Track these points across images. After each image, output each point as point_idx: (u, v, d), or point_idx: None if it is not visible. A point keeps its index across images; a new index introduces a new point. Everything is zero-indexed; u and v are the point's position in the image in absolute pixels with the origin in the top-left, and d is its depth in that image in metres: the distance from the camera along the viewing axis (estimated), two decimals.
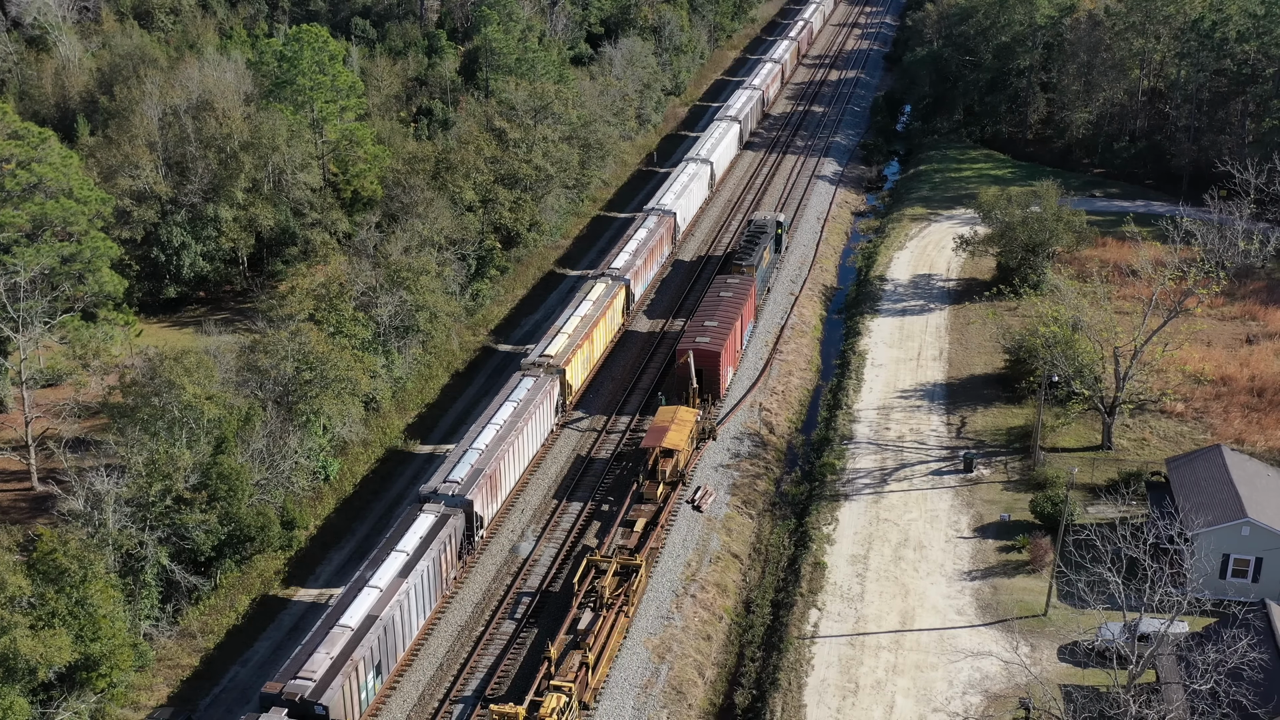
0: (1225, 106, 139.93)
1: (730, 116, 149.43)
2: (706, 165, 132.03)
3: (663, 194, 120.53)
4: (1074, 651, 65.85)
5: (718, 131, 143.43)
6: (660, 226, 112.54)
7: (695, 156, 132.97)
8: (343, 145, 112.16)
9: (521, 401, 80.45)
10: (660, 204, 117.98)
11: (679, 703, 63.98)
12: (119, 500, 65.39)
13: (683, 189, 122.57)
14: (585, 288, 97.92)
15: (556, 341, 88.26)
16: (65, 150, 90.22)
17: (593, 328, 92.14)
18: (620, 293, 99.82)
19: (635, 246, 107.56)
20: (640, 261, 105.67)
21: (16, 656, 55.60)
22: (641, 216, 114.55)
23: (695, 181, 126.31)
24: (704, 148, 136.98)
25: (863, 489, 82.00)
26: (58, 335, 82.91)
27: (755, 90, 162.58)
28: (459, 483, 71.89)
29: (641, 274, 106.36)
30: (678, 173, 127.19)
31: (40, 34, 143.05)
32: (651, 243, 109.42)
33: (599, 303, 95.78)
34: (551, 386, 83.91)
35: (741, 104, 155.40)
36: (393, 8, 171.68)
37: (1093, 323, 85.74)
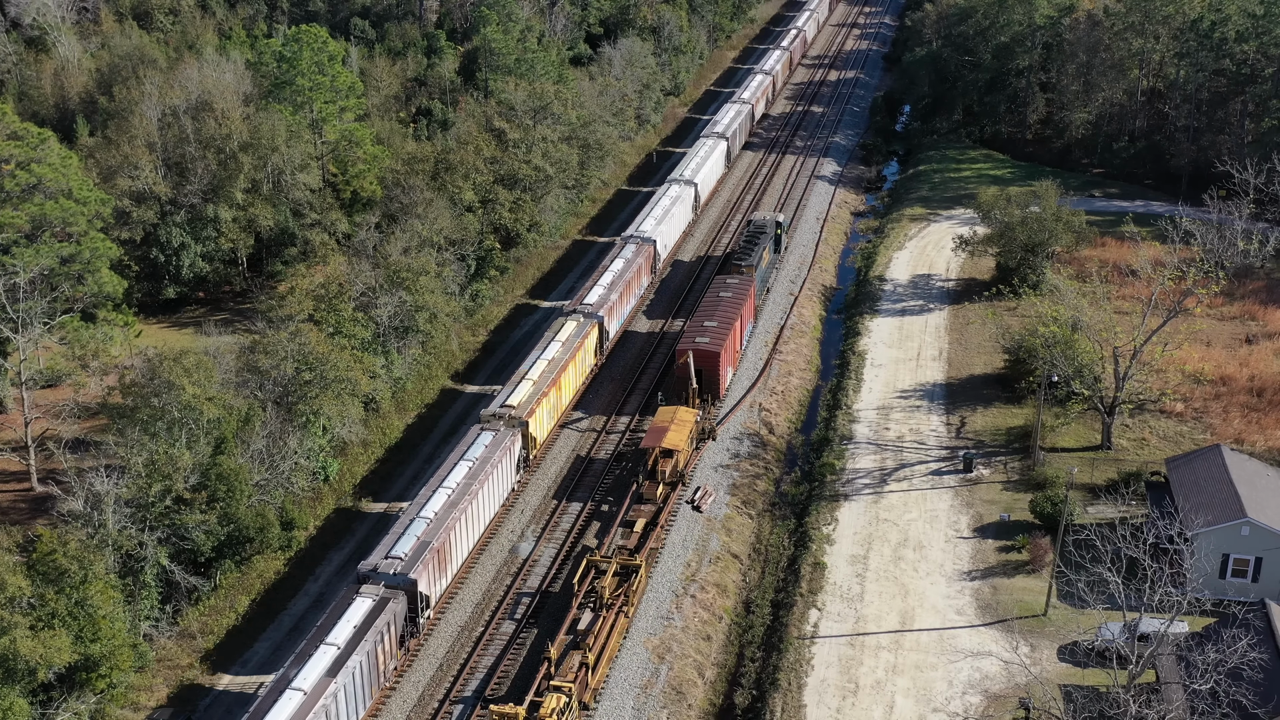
0: (1224, 106, 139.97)
1: (717, 133, 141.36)
2: (690, 187, 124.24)
3: (642, 219, 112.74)
4: (1074, 651, 65.87)
5: (703, 149, 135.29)
6: (638, 256, 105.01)
7: (679, 177, 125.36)
8: (342, 146, 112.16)
9: (478, 460, 73.39)
10: (639, 230, 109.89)
11: (679, 703, 63.98)
12: (119, 501, 65.39)
13: (664, 213, 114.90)
14: (554, 326, 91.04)
15: (520, 389, 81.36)
16: (64, 151, 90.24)
17: (561, 372, 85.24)
18: (592, 332, 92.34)
19: (610, 279, 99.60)
20: (615, 296, 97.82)
21: (16, 657, 55.61)
22: (619, 245, 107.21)
23: (678, 205, 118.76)
24: (688, 167, 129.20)
25: (862, 489, 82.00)
26: (57, 336, 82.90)
27: (744, 104, 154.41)
28: (402, 559, 64.52)
29: (616, 310, 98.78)
30: (659, 195, 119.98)
31: (39, 34, 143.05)
32: (629, 274, 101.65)
33: (568, 344, 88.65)
34: (512, 441, 76.98)
35: (729, 119, 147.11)
36: (392, 8, 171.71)
37: (1092, 323, 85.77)
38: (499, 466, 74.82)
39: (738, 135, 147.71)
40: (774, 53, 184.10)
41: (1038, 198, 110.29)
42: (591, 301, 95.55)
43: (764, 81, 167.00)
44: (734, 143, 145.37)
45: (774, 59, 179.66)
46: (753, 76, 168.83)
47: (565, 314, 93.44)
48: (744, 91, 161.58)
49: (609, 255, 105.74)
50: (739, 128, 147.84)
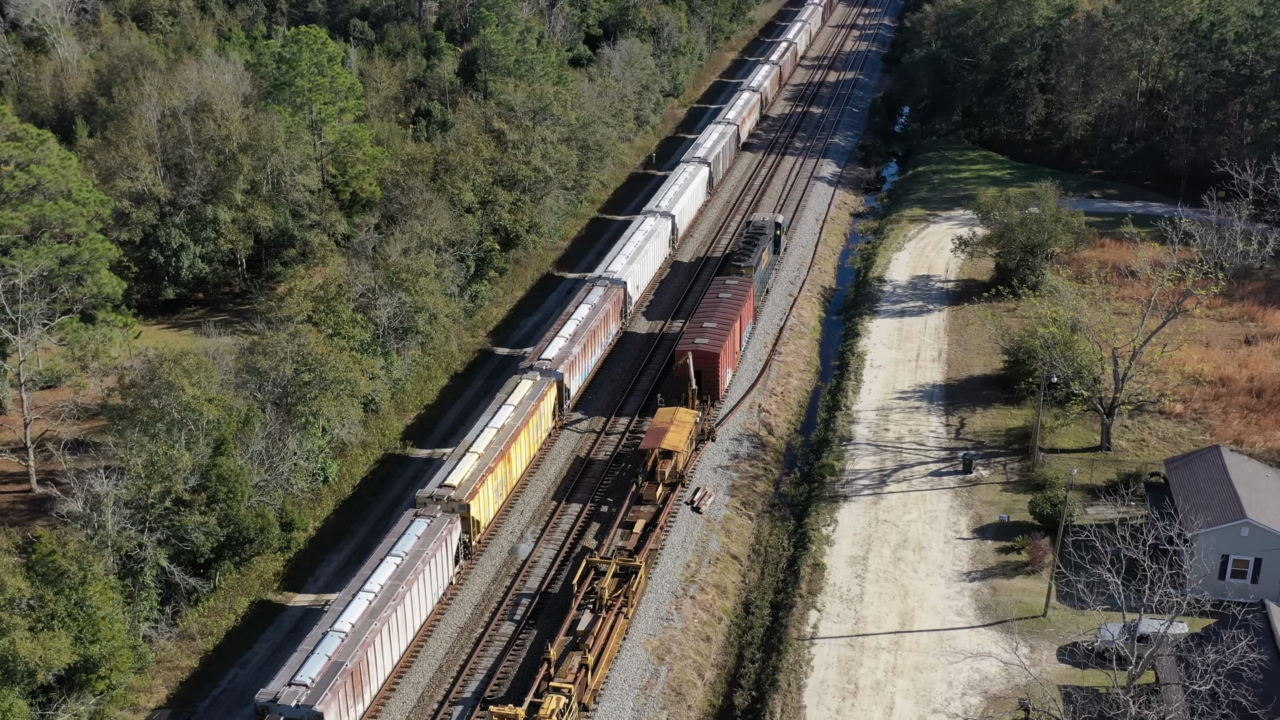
0: (1223, 107, 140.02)
1: (699, 158, 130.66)
2: (666, 220, 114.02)
3: (612, 258, 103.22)
4: (1073, 652, 65.87)
5: (683, 175, 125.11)
6: (606, 300, 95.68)
7: (654, 209, 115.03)
8: (341, 147, 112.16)
9: (408, 556, 64.54)
10: (609, 271, 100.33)
11: (678, 704, 63.98)
12: (118, 502, 65.35)
13: (637, 250, 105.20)
14: (508, 386, 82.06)
15: (462, 465, 72.13)
16: (64, 152, 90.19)
17: (511, 442, 76.20)
18: (550, 392, 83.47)
19: (573, 329, 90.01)
20: (578, 349, 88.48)
21: (16, 658, 55.59)
22: (585, 288, 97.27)
23: (652, 241, 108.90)
24: (665, 196, 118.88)
25: (862, 490, 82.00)
26: (56, 337, 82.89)
27: (729, 125, 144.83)
28: (308, 686, 55.67)
29: (579, 363, 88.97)
30: (633, 229, 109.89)
31: (39, 36, 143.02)
32: (594, 322, 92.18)
33: (522, 408, 79.62)
34: (450, 530, 67.90)
35: (712, 142, 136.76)
36: (391, 9, 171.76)
37: (1091, 324, 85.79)
38: (433, 561, 65.70)
39: (721, 159, 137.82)
40: (762, 67, 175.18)
41: (1037, 199, 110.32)
42: (550, 356, 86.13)
43: (750, 100, 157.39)
44: (717, 167, 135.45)
45: (762, 74, 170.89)
46: (739, 94, 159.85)
47: (521, 370, 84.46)
48: (729, 111, 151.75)
49: (573, 300, 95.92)
50: (722, 150, 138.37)
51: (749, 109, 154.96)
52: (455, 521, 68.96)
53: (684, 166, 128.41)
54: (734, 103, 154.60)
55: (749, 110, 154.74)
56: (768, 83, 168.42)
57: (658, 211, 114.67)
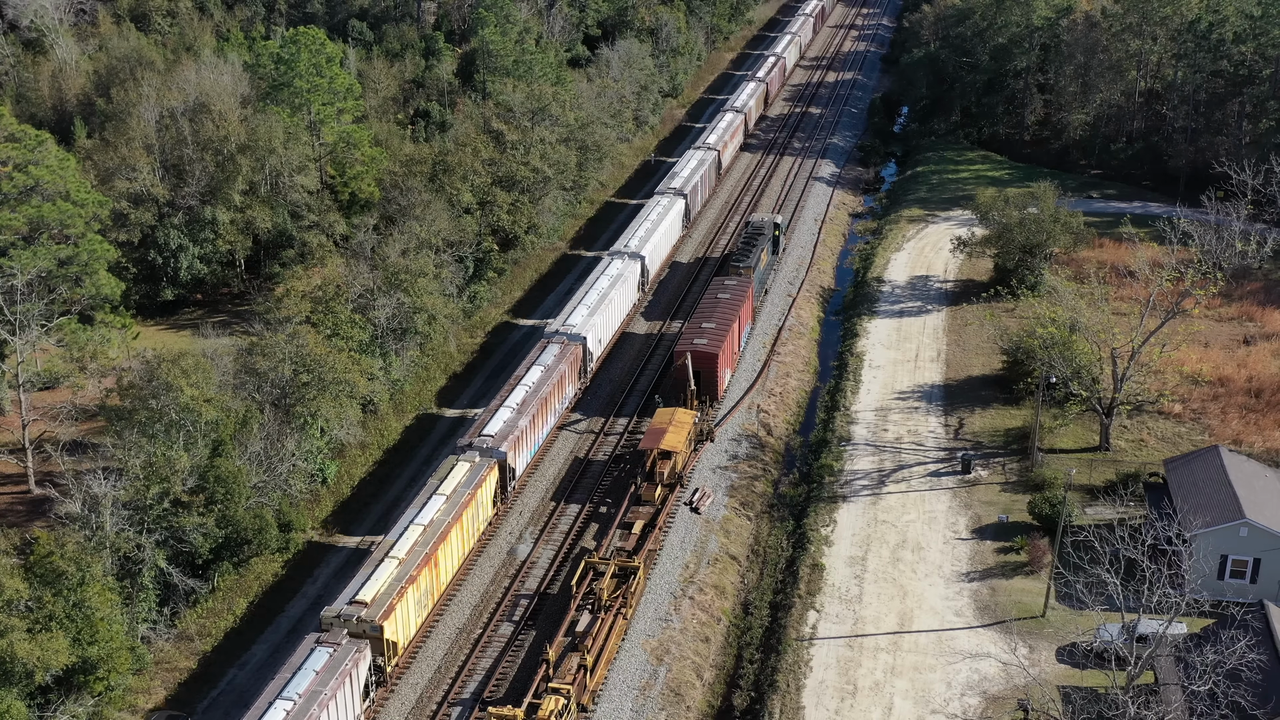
0: (1222, 108, 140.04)
1: (674, 189, 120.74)
2: (635, 261, 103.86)
3: (572, 309, 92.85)
4: (1072, 653, 65.86)
5: (656, 209, 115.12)
6: (562, 360, 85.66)
7: (623, 249, 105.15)
8: (340, 147, 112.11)
9: (302, 698, 54.88)
10: (567, 325, 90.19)
11: (677, 704, 63.96)
12: (116, 503, 65.32)
13: (600, 299, 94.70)
14: (440, 470, 72.15)
15: (379, 574, 62.53)
16: (62, 153, 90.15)
17: (439, 543, 66.01)
18: (490, 475, 73.25)
19: (522, 396, 79.95)
20: (526, 421, 77.93)
21: (14, 660, 55.54)
22: (539, 346, 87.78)
23: (618, 288, 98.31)
24: (636, 233, 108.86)
25: (861, 490, 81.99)
26: (55, 338, 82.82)
27: (709, 151, 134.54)
28: None
29: (527, 437, 78.87)
30: (596, 274, 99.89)
31: (37, 36, 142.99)
32: (546, 388, 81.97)
33: (455, 499, 69.37)
34: (358, 659, 58.30)
35: (690, 170, 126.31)
36: (390, 10, 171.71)
37: (1090, 324, 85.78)
38: (332, 703, 55.77)
39: (700, 188, 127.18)
40: (748, 85, 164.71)
41: (1035, 199, 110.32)
42: (492, 432, 75.89)
43: (733, 121, 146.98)
44: (694, 199, 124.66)
45: (747, 92, 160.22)
46: (722, 115, 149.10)
47: (458, 448, 74.69)
48: (710, 135, 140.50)
49: (524, 360, 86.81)
50: (701, 179, 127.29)
51: (732, 131, 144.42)
52: (364, 649, 58.94)
53: (658, 199, 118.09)
54: (716, 125, 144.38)
55: (731, 133, 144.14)
56: (753, 102, 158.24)
57: (625, 252, 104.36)
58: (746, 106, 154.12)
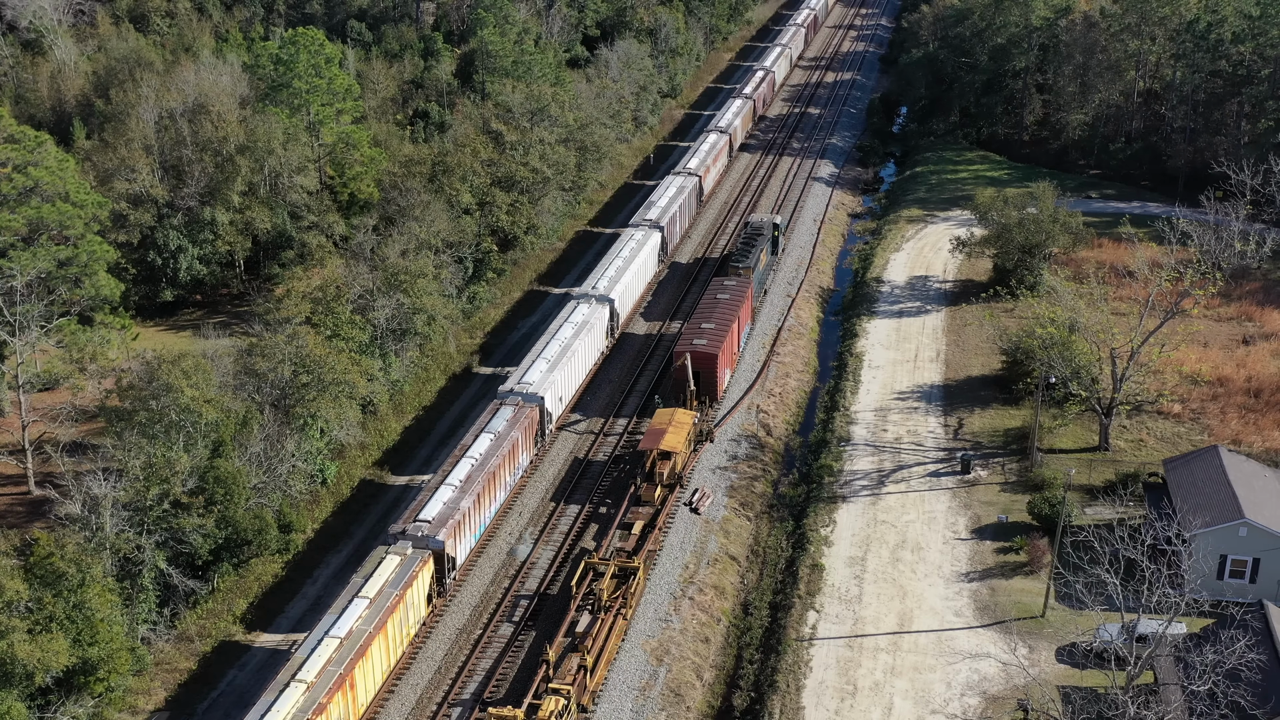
0: (1221, 108, 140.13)
1: (649, 220, 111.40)
2: (604, 306, 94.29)
3: (530, 362, 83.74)
4: (1072, 653, 65.89)
5: (631, 243, 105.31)
6: (515, 426, 76.77)
7: (590, 291, 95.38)
8: (339, 148, 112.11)
9: None
10: (522, 382, 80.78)
11: (677, 705, 63.98)
12: (116, 504, 65.32)
13: (563, 350, 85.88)
14: (367, 565, 63.89)
15: (280, 708, 53.82)
16: (61, 154, 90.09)
17: (357, 659, 57.70)
18: (424, 569, 64.66)
19: (466, 471, 71.19)
20: (469, 501, 69.53)
21: (14, 661, 55.53)
22: (490, 410, 78.76)
23: (583, 338, 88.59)
24: (607, 272, 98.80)
25: (860, 491, 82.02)
26: (54, 339, 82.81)
27: (690, 176, 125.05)
28: None
29: (470, 520, 70.02)
30: (560, 320, 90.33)
31: (36, 37, 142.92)
32: (495, 459, 73.40)
33: (380, 602, 61.07)
34: None
35: (669, 198, 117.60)
36: (388, 10, 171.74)
37: (1089, 324, 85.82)
38: None
39: (679, 218, 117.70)
40: (735, 102, 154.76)
41: (1035, 199, 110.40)
42: (429, 516, 67.28)
43: (718, 142, 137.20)
44: (672, 230, 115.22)
45: (733, 110, 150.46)
46: (705, 136, 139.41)
47: (389, 537, 66.53)
48: (691, 158, 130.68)
49: (473, 427, 77.85)
50: (680, 208, 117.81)
51: (715, 154, 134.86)
52: None
53: (631, 232, 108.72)
54: (698, 148, 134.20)
55: (715, 155, 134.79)
56: (739, 121, 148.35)
57: (592, 295, 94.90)
58: (732, 126, 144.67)
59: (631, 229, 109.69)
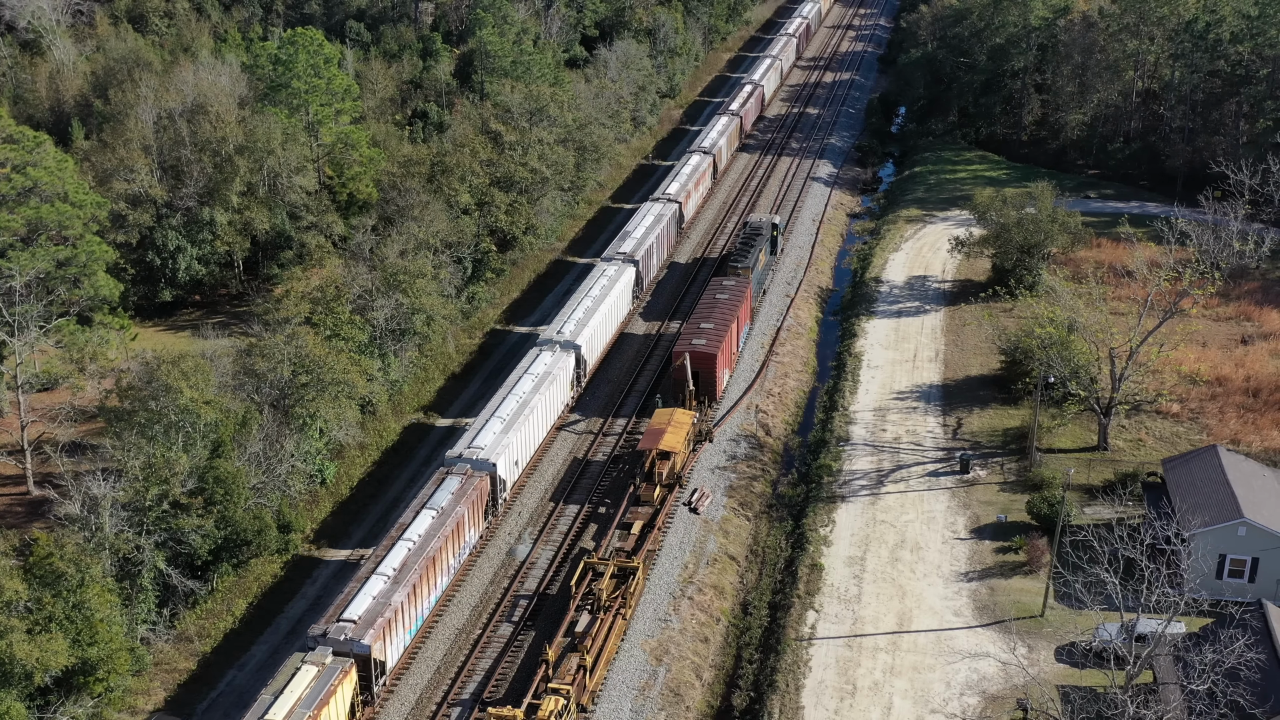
0: (1219, 107, 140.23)
1: (623, 255, 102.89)
2: (569, 353, 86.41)
3: (484, 421, 76.84)
4: (1071, 652, 65.92)
5: (602, 280, 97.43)
6: (461, 500, 69.13)
7: (554, 336, 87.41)
8: (338, 148, 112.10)
9: None
10: (473, 447, 73.79)
11: (676, 705, 63.99)
12: (115, 504, 65.29)
13: (522, 404, 78.66)
14: (280, 678, 57.32)
15: None
16: (60, 154, 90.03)
17: None
18: (346, 681, 56.96)
19: (403, 556, 63.75)
20: (403, 595, 61.68)
21: (13, 661, 55.52)
22: (435, 480, 71.30)
23: (542, 393, 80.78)
24: (573, 315, 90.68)
25: (859, 490, 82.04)
26: (53, 339, 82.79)
27: (670, 203, 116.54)
28: None
29: (404, 617, 62.34)
30: (523, 368, 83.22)
31: (35, 38, 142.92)
32: (436, 541, 65.56)
33: None
34: None
35: (645, 228, 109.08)
36: (387, 11, 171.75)
37: (1088, 324, 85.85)
38: None
39: (656, 250, 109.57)
40: (720, 119, 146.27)
41: (1033, 199, 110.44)
42: (355, 616, 60.00)
43: (700, 164, 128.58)
44: (649, 263, 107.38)
45: (718, 129, 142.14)
46: (687, 157, 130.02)
47: (308, 642, 59.02)
48: (671, 183, 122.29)
49: (412, 503, 70.15)
50: (658, 239, 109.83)
51: (698, 177, 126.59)
52: None
53: (603, 267, 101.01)
54: (679, 170, 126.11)
55: (697, 179, 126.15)
56: (723, 141, 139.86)
57: (556, 341, 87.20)
58: (716, 146, 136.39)
59: (604, 263, 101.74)
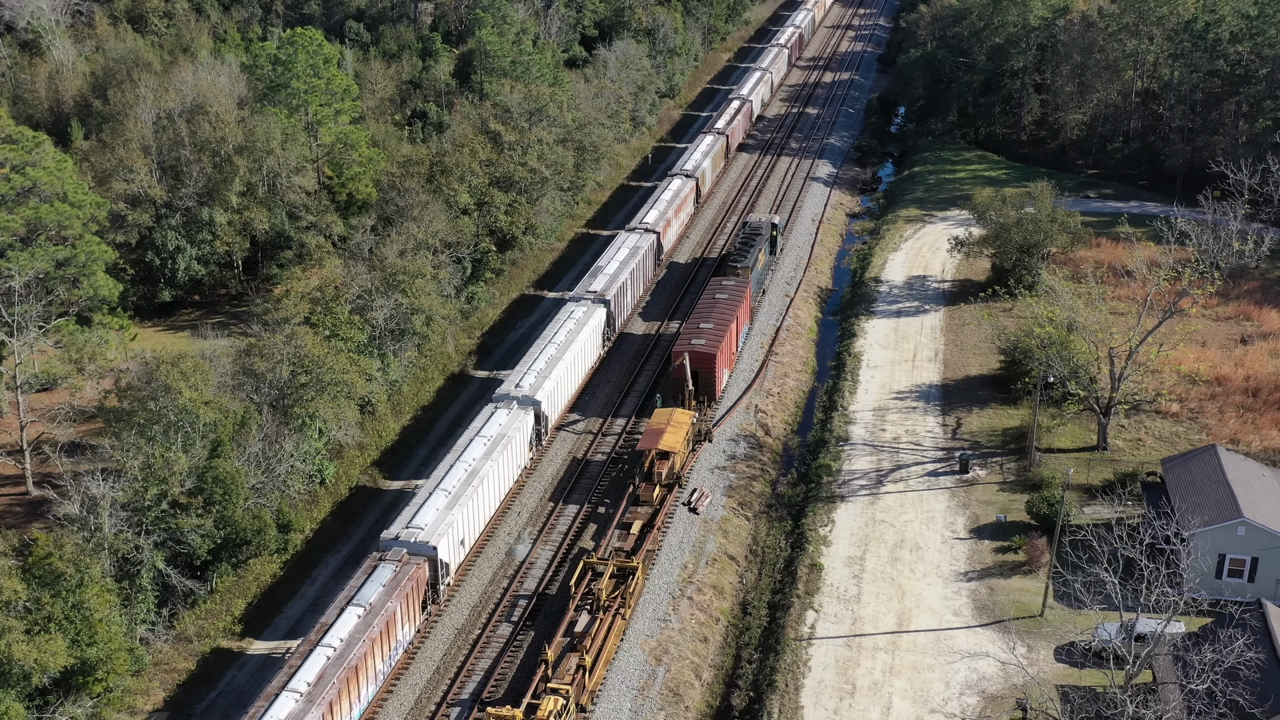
0: (1219, 107, 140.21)
1: (593, 294, 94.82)
2: (528, 410, 78.71)
3: (428, 493, 69.04)
4: (1071, 652, 65.91)
5: (571, 321, 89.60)
6: (393, 594, 61.31)
7: (512, 391, 79.75)
8: (337, 148, 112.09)
9: None
10: (412, 526, 65.83)
11: (676, 705, 63.98)
12: (115, 504, 65.29)
13: (471, 472, 70.90)
14: None
15: None
16: (59, 154, 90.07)
17: None
18: None
19: (318, 669, 55.66)
20: (316, 715, 53.59)
21: (11, 661, 55.51)
22: (365, 569, 63.62)
23: (495, 458, 72.98)
24: (535, 364, 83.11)
25: (859, 490, 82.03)
26: (53, 339, 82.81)
27: (648, 233, 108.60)
28: None
29: None
30: (476, 428, 75.49)
31: (34, 38, 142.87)
32: (363, 643, 58.07)
33: None
34: None
35: (619, 262, 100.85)
36: (387, 11, 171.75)
37: (1088, 323, 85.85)
38: None
39: (631, 286, 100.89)
40: (705, 139, 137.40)
41: (1033, 199, 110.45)
42: None
43: (682, 189, 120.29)
44: (622, 302, 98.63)
45: (703, 149, 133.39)
46: (669, 180, 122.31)
47: None
48: (650, 211, 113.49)
49: (338, 598, 62.37)
50: (633, 275, 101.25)
51: (679, 203, 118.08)
52: None
53: (572, 307, 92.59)
54: (659, 197, 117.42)
55: (678, 205, 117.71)
56: (707, 162, 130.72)
57: (514, 397, 79.39)
58: (700, 169, 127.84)
59: (572, 303, 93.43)
